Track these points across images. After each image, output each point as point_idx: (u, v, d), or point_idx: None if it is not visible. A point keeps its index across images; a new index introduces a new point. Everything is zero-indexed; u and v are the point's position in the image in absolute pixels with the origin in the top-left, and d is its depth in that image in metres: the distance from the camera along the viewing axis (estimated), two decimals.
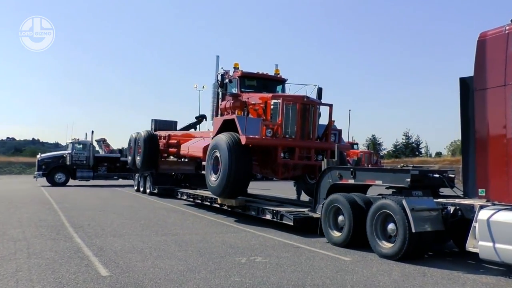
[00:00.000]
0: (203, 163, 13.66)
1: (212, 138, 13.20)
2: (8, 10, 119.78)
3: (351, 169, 9.27)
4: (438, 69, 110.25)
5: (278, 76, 15.03)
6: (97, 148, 31.99)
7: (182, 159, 20.72)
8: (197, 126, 20.83)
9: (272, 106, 12.52)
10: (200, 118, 20.64)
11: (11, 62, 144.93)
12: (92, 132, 29.79)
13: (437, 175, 8.23)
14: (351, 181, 9.17)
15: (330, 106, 12.63)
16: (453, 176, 8.54)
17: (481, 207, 6.92)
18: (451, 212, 7.52)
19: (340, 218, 9.00)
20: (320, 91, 13.91)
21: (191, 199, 16.61)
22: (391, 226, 7.83)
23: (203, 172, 13.60)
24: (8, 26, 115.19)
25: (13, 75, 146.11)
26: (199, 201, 15.63)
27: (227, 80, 14.44)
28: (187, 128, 20.92)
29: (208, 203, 14.67)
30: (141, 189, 22.64)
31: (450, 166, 33.46)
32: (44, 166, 28.59)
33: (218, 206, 13.76)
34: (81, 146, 29.05)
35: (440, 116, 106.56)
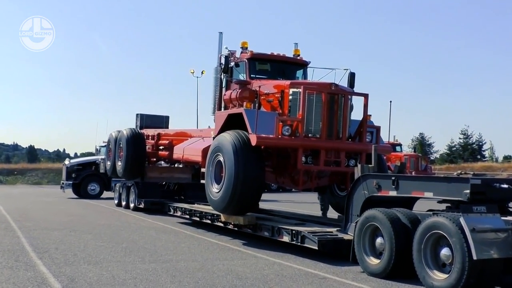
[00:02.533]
0: (202, 169, 13.69)
1: (214, 137, 13.24)
2: (8, 10, 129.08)
3: (393, 178, 9.23)
4: (507, 46, 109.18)
5: (298, 58, 15.02)
6: None
7: (176, 165, 20.79)
8: None
9: (290, 97, 12.52)
10: None
11: None
12: None
13: (505, 186, 8.14)
14: (393, 193, 9.13)
15: (366, 96, 12.59)
16: None
17: None
18: None
19: (379, 240, 8.96)
20: (352, 77, 13.87)
21: (187, 216, 16.68)
22: (445, 252, 7.77)
23: (202, 181, 13.63)
24: (8, 26, 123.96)
25: None
26: (197, 219, 15.68)
27: (232, 64, 14.45)
28: None
29: (209, 221, 14.71)
30: (123, 203, 22.73)
31: None
32: (75, 174, 29.36)
33: (221, 225, 13.80)
34: None
35: (509, 109, 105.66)
